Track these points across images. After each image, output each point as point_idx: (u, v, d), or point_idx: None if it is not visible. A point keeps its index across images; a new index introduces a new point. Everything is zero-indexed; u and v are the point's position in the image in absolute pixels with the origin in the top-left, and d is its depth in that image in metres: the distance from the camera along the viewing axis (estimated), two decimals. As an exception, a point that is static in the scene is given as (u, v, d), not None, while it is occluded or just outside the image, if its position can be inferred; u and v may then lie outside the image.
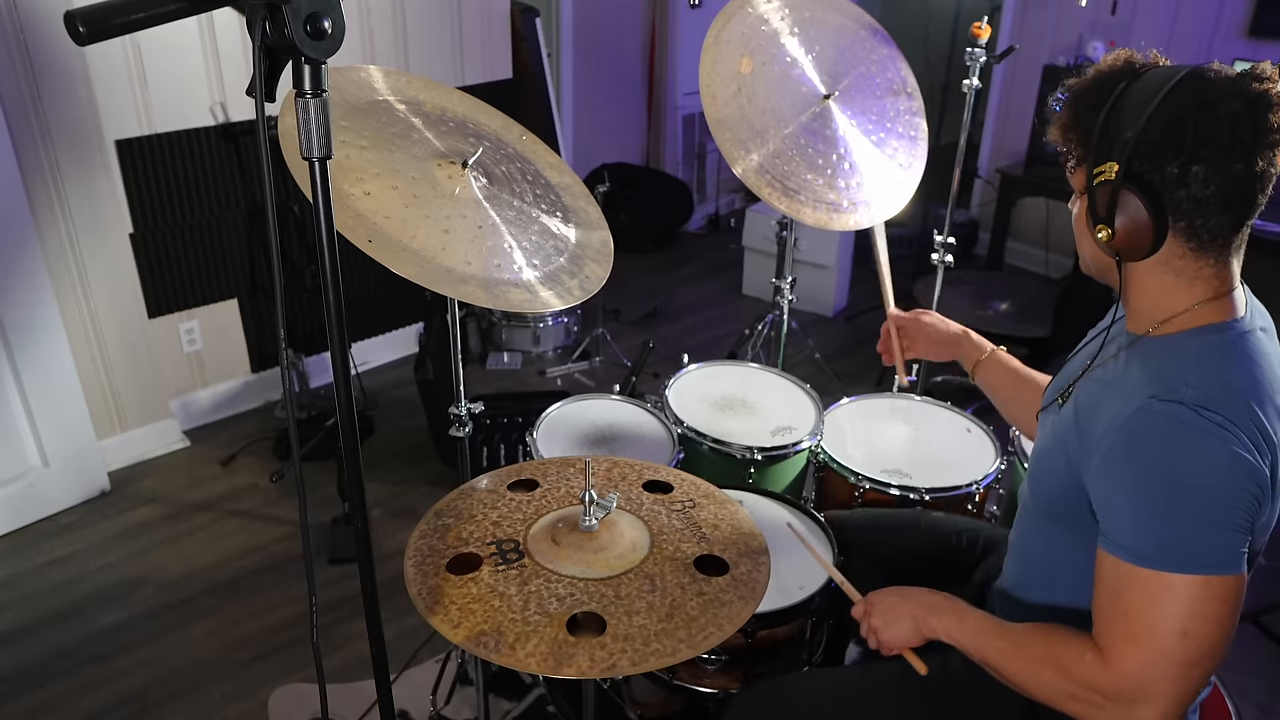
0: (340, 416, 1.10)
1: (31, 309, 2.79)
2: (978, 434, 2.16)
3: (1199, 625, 1.07)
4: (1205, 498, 1.07)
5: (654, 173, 5.34)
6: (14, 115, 2.70)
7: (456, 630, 1.23)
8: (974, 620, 1.30)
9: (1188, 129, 1.09)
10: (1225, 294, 1.18)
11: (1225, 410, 1.07)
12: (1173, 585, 1.07)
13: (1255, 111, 1.08)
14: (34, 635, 2.53)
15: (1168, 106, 1.10)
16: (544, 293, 1.59)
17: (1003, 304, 4.04)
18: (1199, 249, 1.15)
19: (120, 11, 0.90)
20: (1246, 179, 1.09)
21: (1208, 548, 1.07)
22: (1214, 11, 4.02)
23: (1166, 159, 1.10)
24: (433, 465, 3.26)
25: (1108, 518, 1.14)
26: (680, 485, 1.59)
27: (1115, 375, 1.23)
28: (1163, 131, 1.10)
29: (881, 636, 1.39)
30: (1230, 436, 1.06)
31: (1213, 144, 1.08)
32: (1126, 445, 1.11)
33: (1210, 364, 1.13)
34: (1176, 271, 1.17)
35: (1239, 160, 1.08)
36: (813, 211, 2.01)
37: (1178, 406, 1.08)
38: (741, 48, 2.07)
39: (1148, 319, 1.21)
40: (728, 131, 2.00)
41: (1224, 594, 1.07)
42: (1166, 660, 1.08)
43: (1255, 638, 2.48)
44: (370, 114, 1.65)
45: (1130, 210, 1.14)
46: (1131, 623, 1.10)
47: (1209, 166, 1.09)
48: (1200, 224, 1.12)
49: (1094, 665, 1.13)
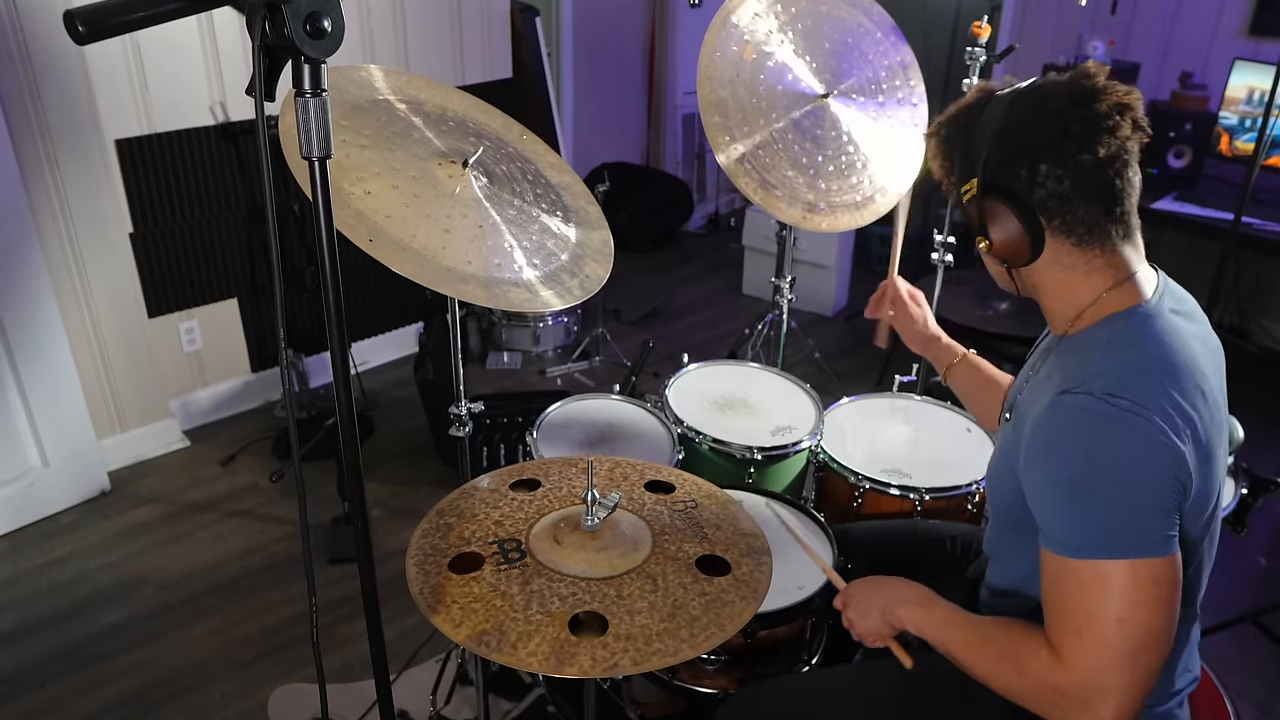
0: (340, 416, 1.10)
1: (31, 309, 2.79)
2: (978, 434, 2.16)
3: (1133, 611, 1.08)
4: (1122, 482, 1.09)
5: (654, 172, 5.34)
6: (14, 115, 2.70)
7: (458, 629, 1.23)
8: (941, 613, 1.31)
9: (1026, 132, 1.17)
10: (1126, 279, 1.21)
11: (1134, 394, 1.09)
12: (1102, 572, 1.09)
13: (1081, 104, 1.15)
14: (34, 635, 2.53)
15: (1008, 118, 1.18)
16: (544, 292, 1.59)
17: (1003, 304, 4.03)
18: (1081, 243, 1.20)
19: (120, 11, 0.90)
20: (1095, 167, 1.15)
21: (1132, 532, 1.09)
22: (1214, 11, 4.02)
23: (1016, 163, 1.17)
24: (433, 465, 3.26)
25: (1039, 514, 1.17)
26: (682, 485, 1.59)
27: (1041, 380, 1.27)
28: (1006, 140, 1.18)
29: (856, 629, 1.41)
30: (1140, 421, 1.08)
31: (1049, 141, 1.15)
32: (1042, 441, 1.15)
33: (1118, 350, 1.17)
34: (1068, 268, 1.22)
35: (1080, 151, 1.14)
36: (786, 208, 2.02)
37: (1085, 397, 1.11)
38: (741, 41, 2.07)
39: (1062, 320, 1.26)
40: (717, 116, 2.00)
41: (1154, 576, 1.08)
42: (1109, 650, 1.09)
43: (1255, 638, 2.48)
44: (370, 113, 1.65)
45: (999, 218, 1.21)
46: (1072, 615, 1.12)
47: (1052, 163, 1.15)
48: (1071, 218, 1.18)
49: (1048, 661, 1.14)
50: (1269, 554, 2.85)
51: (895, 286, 1.88)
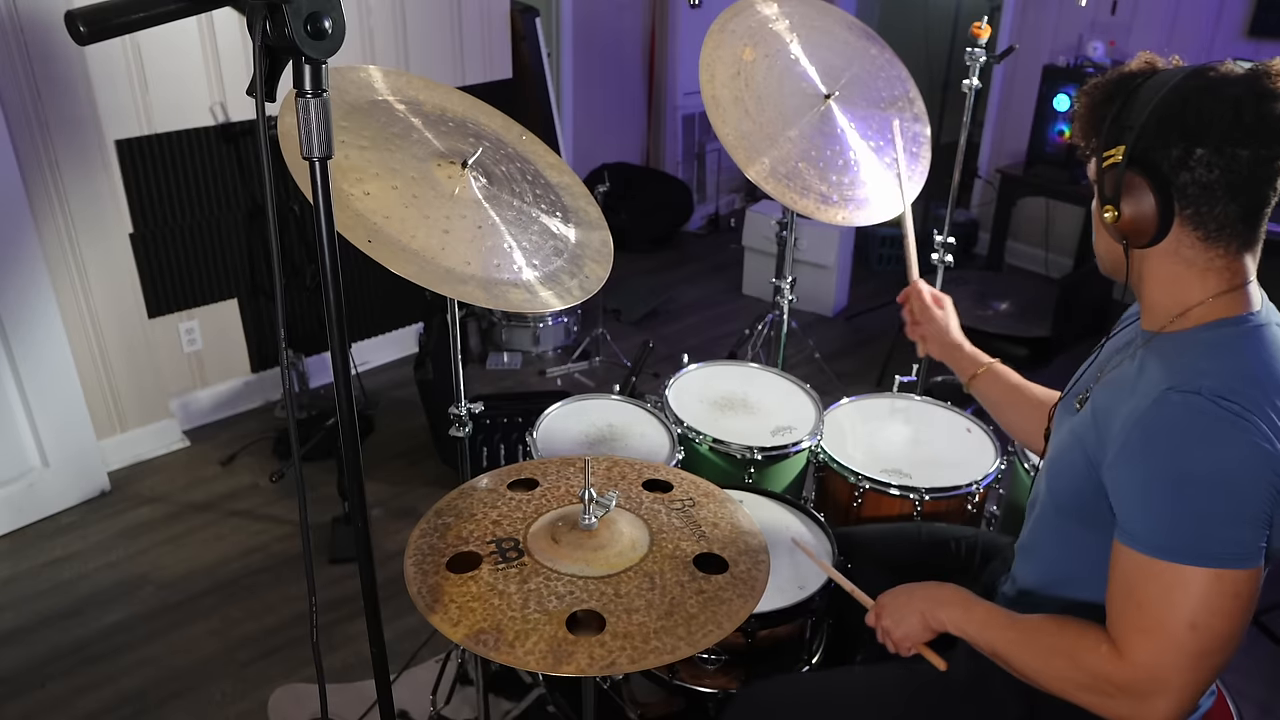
0: (340, 416, 1.11)
1: (31, 309, 2.79)
2: (978, 434, 2.17)
3: (1209, 619, 1.07)
4: (1221, 488, 1.06)
5: (654, 173, 5.34)
6: (14, 115, 2.70)
7: (456, 628, 1.23)
8: (981, 611, 1.30)
9: (1190, 111, 1.11)
10: (1239, 287, 1.17)
11: (1242, 400, 1.07)
12: (1185, 578, 1.07)
13: (1261, 98, 1.09)
14: (34, 635, 2.53)
15: (1175, 93, 1.12)
16: (544, 293, 1.60)
17: (1003, 304, 4.04)
18: (1207, 239, 1.15)
19: (120, 11, 0.90)
20: (1251, 165, 1.10)
21: (1222, 540, 1.06)
22: (1214, 11, 4.02)
23: (1170, 141, 1.11)
24: (433, 465, 3.26)
25: (1123, 510, 1.14)
26: (680, 484, 1.59)
27: (1131, 374, 1.23)
28: (1167, 114, 1.12)
29: (894, 636, 1.39)
30: (1248, 425, 1.06)
31: (1214, 127, 1.09)
32: (1143, 437, 1.11)
33: (1226, 355, 1.14)
34: (1187, 262, 1.17)
35: (1242, 145, 1.09)
36: (799, 199, 2.02)
37: (1194, 397, 1.08)
38: (746, 39, 2.08)
39: (1162, 314, 1.22)
40: (721, 109, 2.00)
41: (1236, 588, 1.07)
42: (1178, 652, 1.08)
43: (1255, 638, 2.48)
44: (370, 114, 1.65)
45: (1136, 193, 1.15)
46: (1144, 615, 1.10)
47: (1211, 150, 1.10)
48: (1206, 211, 1.13)
49: (1108, 657, 1.13)
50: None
51: (918, 292, 1.79)
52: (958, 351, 1.75)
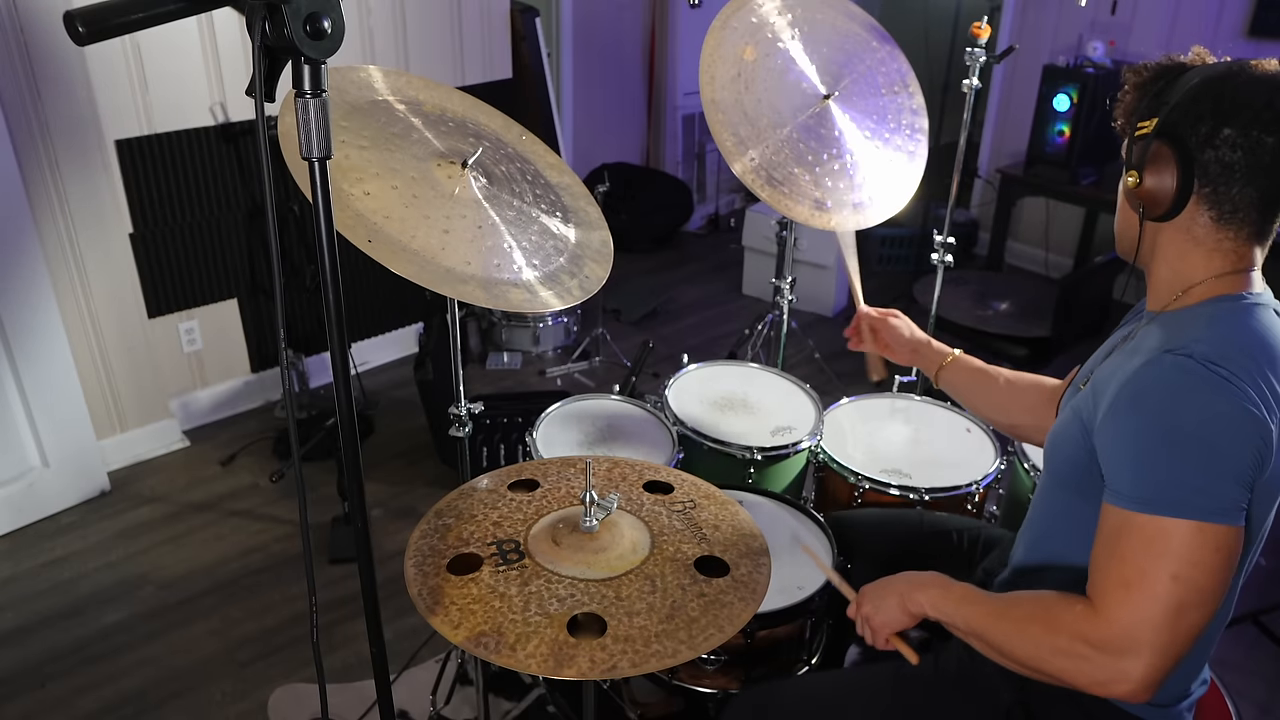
0: (340, 416, 1.10)
1: (31, 309, 2.79)
2: (978, 434, 2.17)
3: (1190, 570, 1.08)
4: (1206, 443, 1.09)
5: (654, 173, 5.34)
6: (14, 115, 2.70)
7: (457, 631, 1.23)
8: (959, 589, 1.31)
9: (1226, 92, 1.15)
10: (1243, 270, 1.21)
11: (1233, 365, 1.10)
12: (1167, 529, 1.09)
13: None
14: (34, 635, 2.53)
15: (1215, 76, 1.17)
16: (544, 293, 1.59)
17: (1003, 304, 4.04)
18: (1220, 219, 1.18)
19: (120, 11, 0.90)
20: (1274, 152, 1.13)
21: (1206, 493, 1.08)
22: (1214, 11, 4.02)
23: (1201, 118, 1.15)
24: (433, 465, 3.26)
25: (1112, 467, 1.16)
26: (681, 486, 1.58)
27: (1130, 350, 1.25)
28: (1203, 93, 1.16)
29: (872, 623, 1.40)
30: (1236, 390, 1.09)
31: (1245, 110, 1.13)
32: (1134, 392, 1.14)
33: (1221, 325, 1.17)
34: (1196, 240, 1.21)
35: (1268, 132, 1.12)
36: (794, 204, 2.02)
37: (1186, 359, 1.11)
38: (747, 37, 2.07)
39: (1167, 293, 1.25)
40: (720, 113, 2.00)
41: (1218, 541, 1.08)
42: (1156, 605, 1.08)
43: (1255, 638, 2.48)
44: (370, 114, 1.65)
45: (1160, 163, 1.19)
46: (1125, 568, 1.11)
47: (1238, 131, 1.13)
48: (1224, 192, 1.16)
49: (1083, 615, 1.14)
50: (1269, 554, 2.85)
51: (869, 315, 1.90)
52: (926, 347, 1.83)
